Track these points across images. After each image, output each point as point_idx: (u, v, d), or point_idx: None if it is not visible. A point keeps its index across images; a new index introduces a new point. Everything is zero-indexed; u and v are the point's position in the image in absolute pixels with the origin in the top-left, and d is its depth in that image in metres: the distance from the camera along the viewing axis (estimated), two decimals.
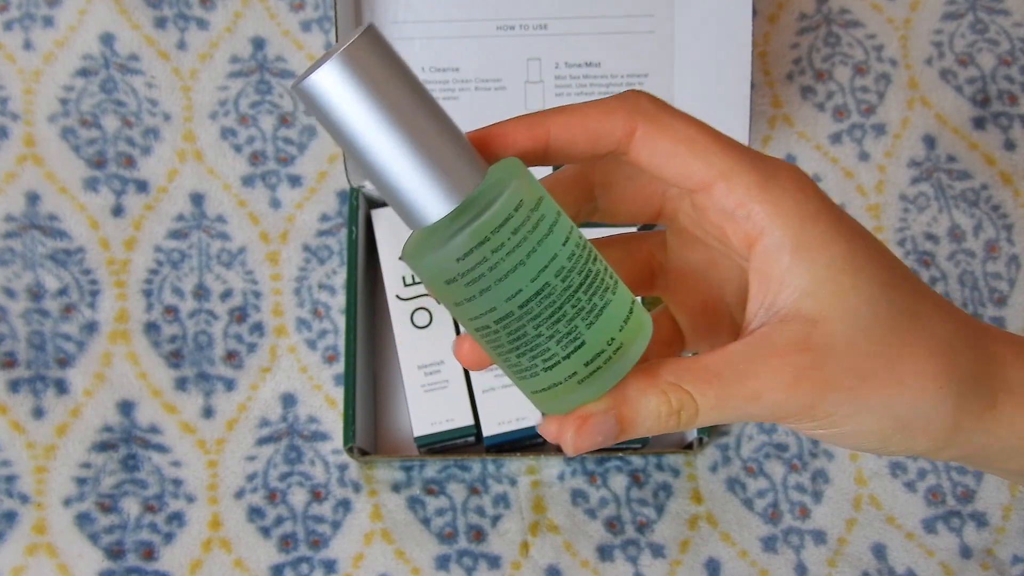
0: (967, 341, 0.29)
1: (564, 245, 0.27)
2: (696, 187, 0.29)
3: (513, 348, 0.28)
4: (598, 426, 0.28)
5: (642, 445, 0.55)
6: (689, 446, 0.56)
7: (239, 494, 0.56)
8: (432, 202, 0.26)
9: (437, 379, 0.55)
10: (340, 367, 0.59)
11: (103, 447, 0.57)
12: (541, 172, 0.30)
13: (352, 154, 0.27)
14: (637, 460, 0.58)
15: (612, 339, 0.28)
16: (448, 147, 0.27)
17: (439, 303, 0.29)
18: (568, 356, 0.28)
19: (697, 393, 0.28)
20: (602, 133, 0.28)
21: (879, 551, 0.56)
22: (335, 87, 0.25)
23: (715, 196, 0.28)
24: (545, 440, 0.56)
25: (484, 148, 0.28)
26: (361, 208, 0.58)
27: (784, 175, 0.28)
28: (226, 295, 0.60)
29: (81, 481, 0.56)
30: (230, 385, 0.58)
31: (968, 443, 0.29)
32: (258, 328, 0.59)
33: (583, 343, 0.28)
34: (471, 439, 0.55)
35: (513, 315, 0.27)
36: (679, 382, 0.28)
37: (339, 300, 0.60)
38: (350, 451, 0.53)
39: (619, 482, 0.57)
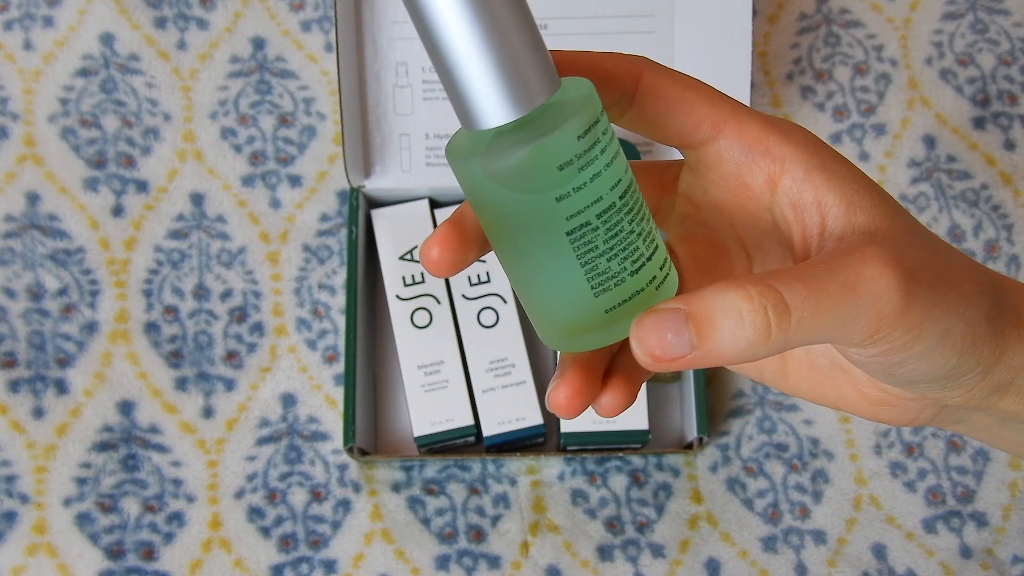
0: (977, 264, 0.30)
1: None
2: (706, 135, 0.29)
3: (608, 249, 0.26)
4: (667, 319, 0.24)
5: (642, 445, 0.55)
6: (689, 446, 0.56)
7: (239, 494, 0.56)
8: (532, 87, 0.25)
9: (437, 379, 0.55)
10: (340, 367, 0.59)
11: (103, 447, 0.57)
12: None
13: (433, 32, 0.25)
14: (637, 460, 0.58)
15: (666, 253, 0.28)
16: (540, 41, 0.26)
17: (511, 217, 0.27)
18: (650, 257, 0.27)
19: (782, 285, 0.24)
20: (609, 73, 0.28)
21: (879, 551, 0.56)
22: None
23: (728, 139, 0.29)
24: (546, 440, 0.57)
25: None
26: (361, 208, 0.58)
27: (779, 118, 0.29)
28: (226, 295, 0.60)
29: (81, 481, 0.56)
30: (230, 385, 0.58)
31: (1012, 360, 0.29)
32: (258, 328, 0.59)
33: (657, 245, 0.27)
34: (471, 439, 0.55)
35: (615, 206, 0.26)
36: (760, 278, 0.24)
37: (339, 300, 0.60)
38: (350, 451, 0.53)
39: (619, 482, 0.57)
